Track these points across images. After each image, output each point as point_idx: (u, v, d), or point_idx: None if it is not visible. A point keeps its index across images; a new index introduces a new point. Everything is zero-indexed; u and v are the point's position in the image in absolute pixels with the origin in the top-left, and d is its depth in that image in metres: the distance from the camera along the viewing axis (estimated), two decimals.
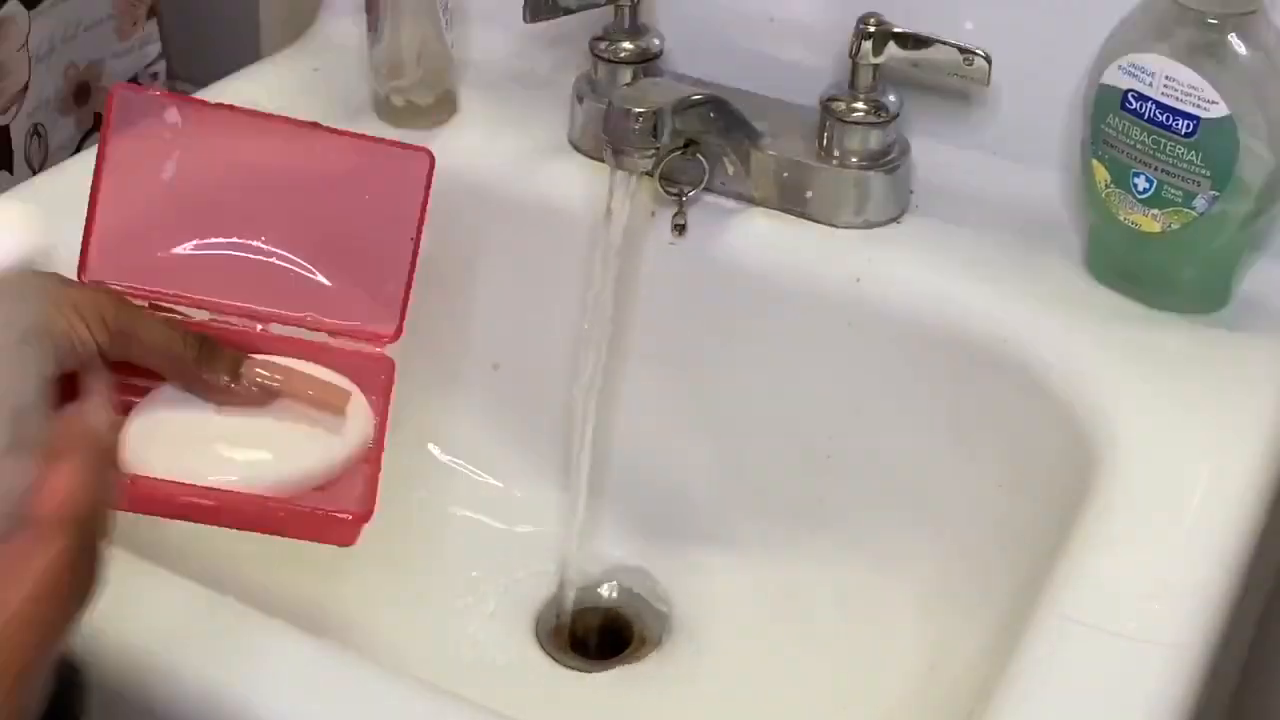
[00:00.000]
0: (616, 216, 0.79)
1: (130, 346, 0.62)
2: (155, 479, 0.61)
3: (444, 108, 0.90)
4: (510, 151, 0.88)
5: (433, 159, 0.70)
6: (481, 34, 0.95)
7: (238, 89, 0.93)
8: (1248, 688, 0.92)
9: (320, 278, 0.70)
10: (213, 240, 0.69)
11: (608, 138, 0.76)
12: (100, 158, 0.68)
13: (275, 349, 0.67)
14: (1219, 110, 0.71)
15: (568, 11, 0.85)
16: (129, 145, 0.68)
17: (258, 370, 0.65)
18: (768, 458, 0.85)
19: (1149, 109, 0.73)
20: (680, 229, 0.83)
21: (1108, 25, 0.75)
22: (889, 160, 0.83)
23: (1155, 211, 0.75)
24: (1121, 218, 0.76)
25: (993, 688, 0.58)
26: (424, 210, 0.70)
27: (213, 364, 0.64)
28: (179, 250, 0.69)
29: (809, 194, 0.83)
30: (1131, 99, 0.74)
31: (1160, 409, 0.71)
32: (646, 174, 0.80)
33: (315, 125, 0.70)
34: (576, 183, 0.86)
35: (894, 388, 0.81)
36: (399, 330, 0.70)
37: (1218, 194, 0.73)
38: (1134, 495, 0.66)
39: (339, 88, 0.93)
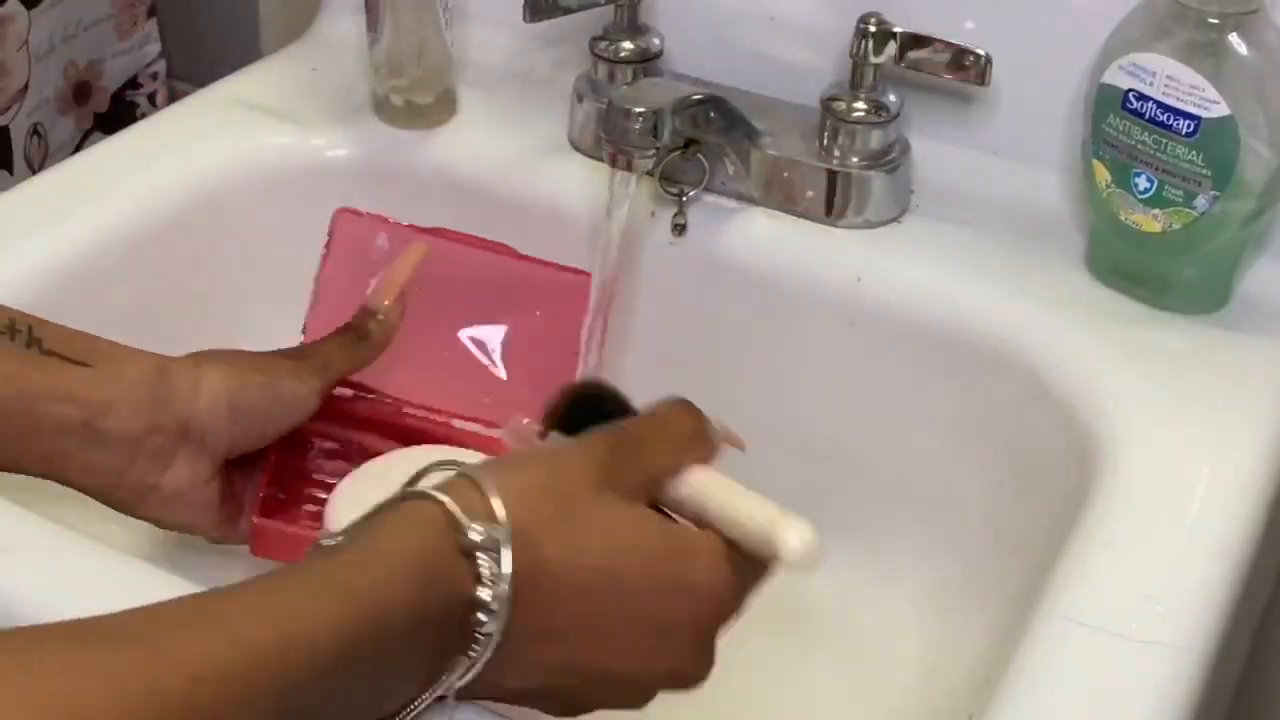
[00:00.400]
0: (616, 216, 0.79)
1: (328, 375, 0.72)
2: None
3: (444, 108, 0.90)
4: (510, 151, 0.88)
5: (589, 279, 0.78)
6: (481, 34, 0.95)
7: (238, 89, 0.93)
8: (1248, 688, 0.92)
9: (495, 388, 0.79)
10: (405, 349, 0.77)
11: (608, 138, 0.76)
12: (321, 275, 0.78)
13: (456, 440, 0.76)
14: (1220, 110, 0.71)
15: (568, 11, 0.85)
16: (343, 266, 0.78)
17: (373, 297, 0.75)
18: (767, 458, 0.85)
19: (1150, 109, 0.73)
20: (680, 229, 0.83)
21: (1108, 25, 0.75)
22: (889, 160, 0.83)
23: (1156, 211, 0.75)
24: (1122, 218, 0.76)
25: (993, 688, 0.58)
26: (580, 323, 0.78)
27: (353, 321, 0.74)
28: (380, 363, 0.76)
29: (809, 194, 0.83)
30: (1132, 99, 0.74)
31: (1160, 409, 0.71)
32: (646, 174, 0.80)
33: (500, 248, 0.78)
34: (576, 183, 0.86)
35: (894, 388, 0.81)
36: None
37: (1218, 194, 0.73)
38: (1134, 495, 0.66)
39: (339, 88, 0.93)
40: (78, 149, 1.16)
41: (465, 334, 0.79)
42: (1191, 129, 0.72)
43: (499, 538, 0.48)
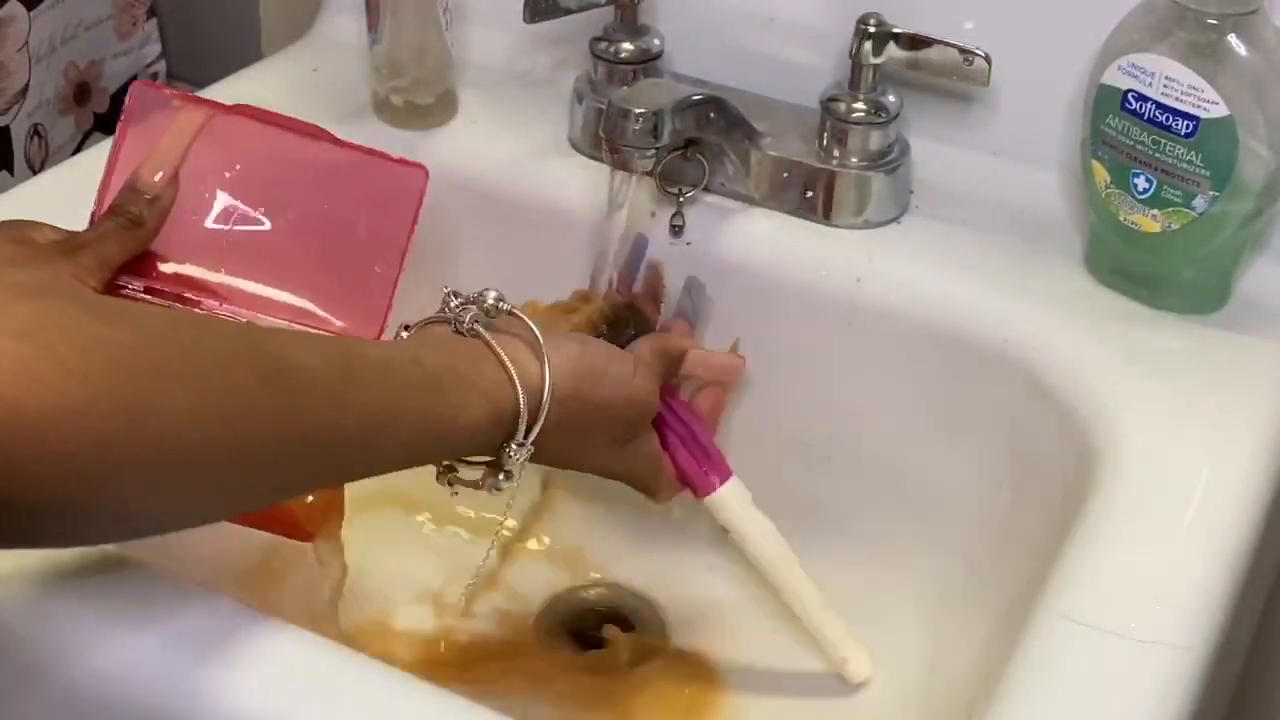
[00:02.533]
0: (616, 217, 0.79)
1: (83, 250, 0.69)
2: None
3: (444, 108, 0.90)
4: (510, 151, 0.88)
5: (427, 174, 0.74)
6: (481, 34, 0.95)
7: (238, 89, 0.93)
8: (1248, 688, 0.92)
9: (303, 284, 0.73)
10: (214, 228, 0.72)
11: (607, 138, 0.76)
12: (115, 149, 0.72)
13: None
14: (1219, 110, 0.71)
15: (568, 11, 0.85)
16: (143, 140, 0.71)
17: None
18: (767, 457, 0.85)
19: (1149, 109, 0.73)
20: (678, 229, 0.83)
21: (1108, 25, 0.75)
22: (889, 160, 0.83)
23: (1155, 211, 0.75)
24: (1121, 218, 0.76)
25: (993, 688, 0.58)
26: (414, 223, 0.74)
27: (126, 209, 0.71)
28: (179, 237, 0.71)
29: (809, 194, 0.83)
30: (1131, 99, 0.74)
31: (1160, 409, 0.71)
32: (646, 174, 0.80)
33: (321, 134, 0.73)
34: (576, 183, 0.86)
35: (894, 388, 0.81)
36: (379, 332, 0.73)
37: (1218, 194, 0.73)
38: (1134, 495, 0.66)
39: (339, 88, 0.93)
40: (78, 149, 1.16)
41: (275, 224, 0.73)
42: (1190, 129, 0.72)
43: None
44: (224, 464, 0.50)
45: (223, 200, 0.72)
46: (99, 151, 0.90)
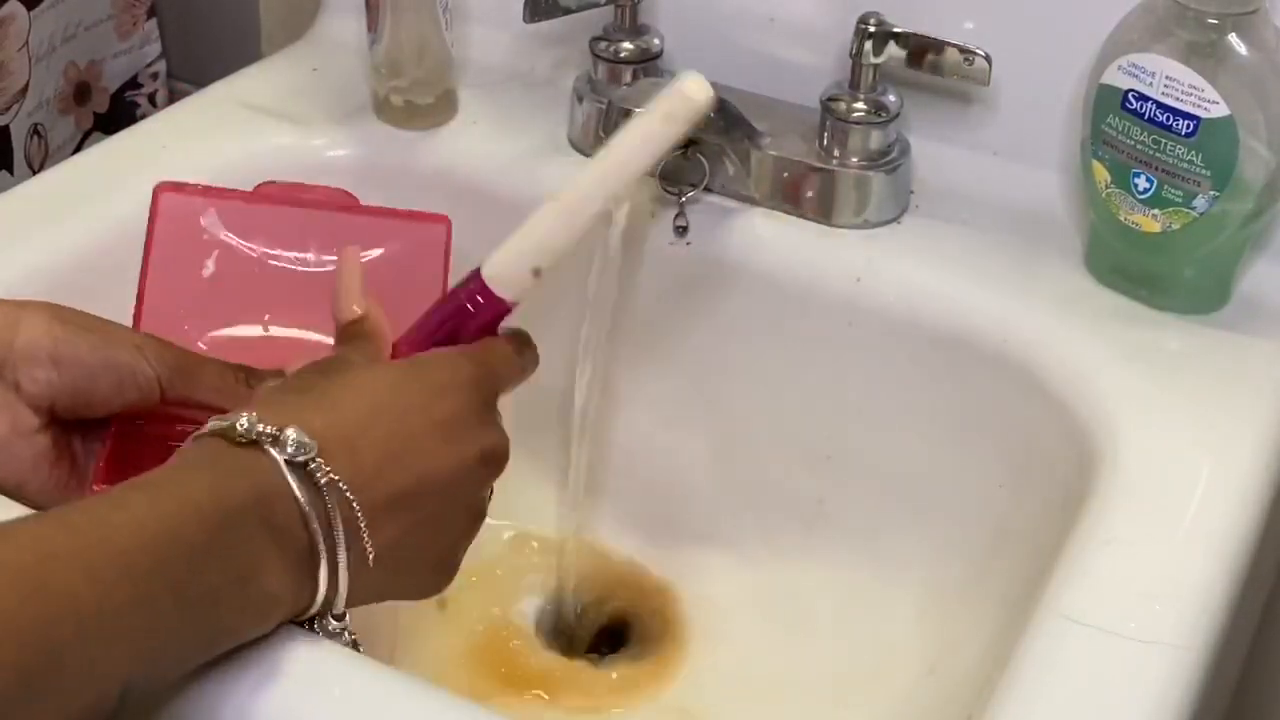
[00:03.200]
0: (616, 217, 0.79)
1: (187, 382, 0.66)
2: None
3: (444, 108, 0.90)
4: (510, 151, 0.88)
5: (449, 225, 0.74)
6: (481, 34, 0.95)
7: (238, 89, 0.93)
8: (1248, 687, 0.92)
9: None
10: (248, 328, 0.73)
11: (608, 138, 0.76)
12: (146, 255, 0.72)
13: None
14: (1219, 110, 0.71)
15: (568, 11, 0.85)
16: (173, 243, 0.73)
17: None
18: (767, 458, 0.85)
19: (1149, 109, 0.73)
20: (681, 230, 0.83)
21: (1108, 25, 0.75)
22: (889, 160, 0.83)
23: (1155, 211, 0.75)
24: (1121, 218, 0.76)
25: (993, 688, 0.58)
26: (446, 273, 0.74)
27: (260, 384, 0.67)
28: (216, 335, 0.73)
29: (809, 194, 0.83)
30: (1132, 99, 0.74)
31: (1160, 409, 0.71)
32: (647, 174, 0.80)
33: (342, 208, 0.74)
34: None
35: (894, 388, 0.81)
36: None
37: (1218, 194, 0.73)
38: (1134, 495, 0.66)
39: (339, 88, 0.93)
40: (78, 149, 1.16)
41: (312, 308, 0.72)
42: (1191, 129, 0.72)
43: (277, 429, 0.53)
44: None
45: (260, 296, 0.73)
46: (99, 151, 0.90)
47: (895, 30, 0.80)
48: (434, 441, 0.57)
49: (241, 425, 0.53)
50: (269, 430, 0.53)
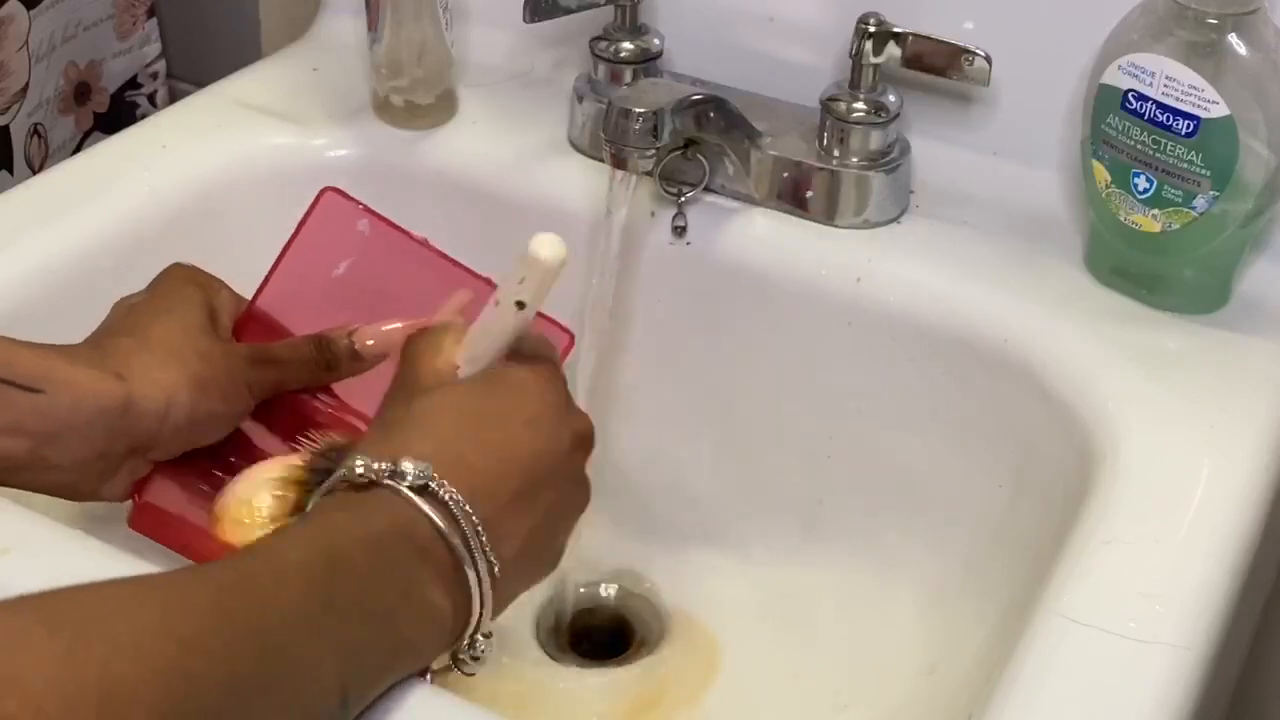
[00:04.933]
0: (616, 217, 0.79)
1: (273, 369, 0.69)
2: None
3: (444, 108, 0.90)
4: (510, 151, 0.88)
5: (573, 339, 0.70)
6: (481, 34, 0.95)
7: (238, 89, 0.93)
8: (1248, 688, 0.92)
9: None
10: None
11: (607, 138, 0.76)
12: (287, 245, 0.73)
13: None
14: (1219, 110, 0.71)
15: (568, 11, 0.85)
16: (317, 242, 0.74)
17: (366, 338, 0.70)
18: (768, 458, 0.85)
19: (1149, 109, 0.73)
20: (680, 230, 0.83)
21: (1108, 25, 0.75)
22: (889, 160, 0.83)
23: (1155, 211, 0.75)
24: (1121, 218, 0.76)
25: (993, 688, 0.58)
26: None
27: (332, 346, 0.70)
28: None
29: (809, 194, 0.83)
30: (1131, 99, 0.74)
31: (1160, 409, 0.71)
32: (646, 174, 0.80)
33: (483, 279, 0.72)
34: (576, 183, 0.86)
35: (894, 388, 0.81)
36: None
37: (1218, 194, 0.73)
38: (1134, 495, 0.66)
39: (339, 88, 0.93)
40: (78, 149, 1.16)
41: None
42: (1191, 129, 0.72)
43: (391, 463, 0.54)
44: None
45: (365, 306, 0.73)
46: (99, 151, 0.90)
47: (895, 30, 0.80)
48: (530, 438, 0.59)
49: (357, 470, 0.54)
50: (384, 466, 0.54)
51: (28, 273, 0.78)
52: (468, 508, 0.54)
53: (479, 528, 0.55)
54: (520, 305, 0.59)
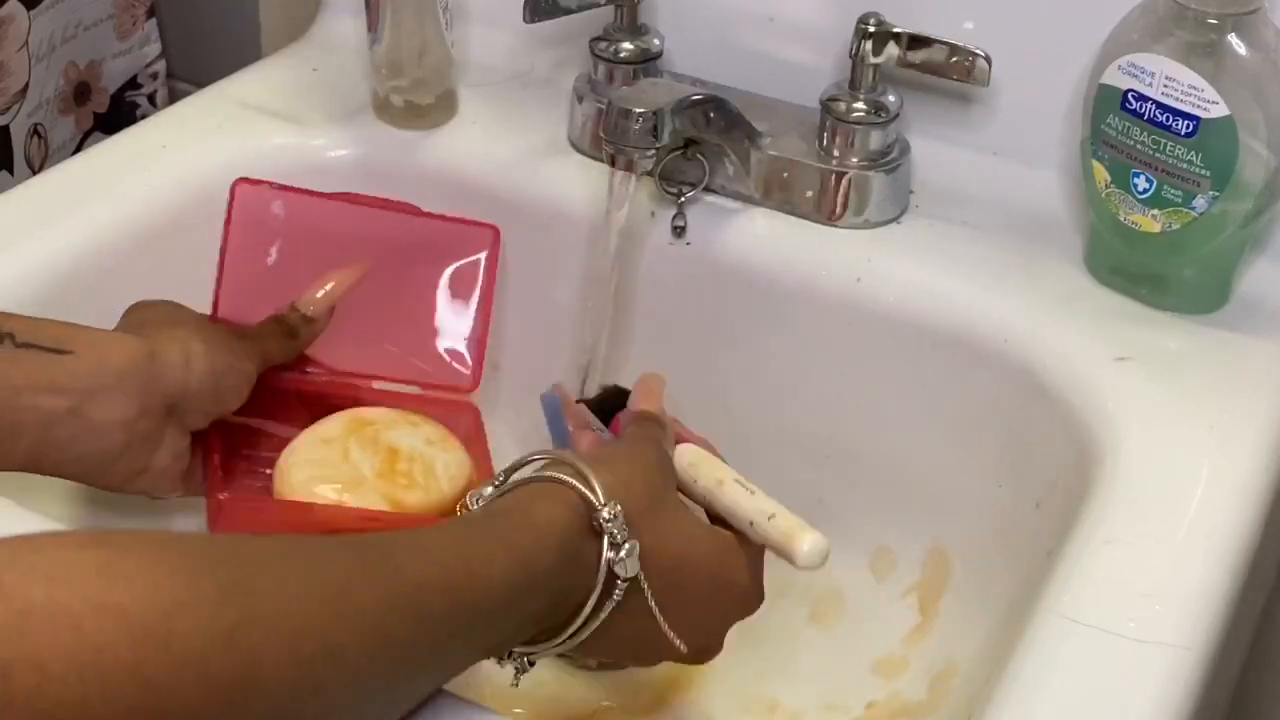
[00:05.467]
0: (616, 217, 0.79)
1: (254, 343, 0.73)
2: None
3: (444, 108, 0.90)
4: (510, 151, 0.88)
5: (498, 232, 0.81)
6: (482, 34, 0.95)
7: (238, 89, 0.93)
8: (1248, 688, 0.92)
9: (403, 348, 0.81)
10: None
11: (607, 138, 0.76)
12: (224, 249, 0.78)
13: (378, 401, 0.78)
14: (1219, 110, 0.71)
15: (568, 11, 0.85)
16: (248, 236, 0.79)
17: (307, 305, 0.77)
18: (767, 457, 0.85)
19: (1149, 109, 0.73)
20: (679, 230, 0.83)
21: (1108, 25, 0.75)
22: (889, 160, 0.83)
23: (1155, 211, 0.75)
24: (1121, 218, 0.76)
25: (993, 688, 0.58)
26: (492, 277, 0.81)
27: (286, 318, 0.76)
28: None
29: (809, 194, 0.83)
30: (1131, 99, 0.74)
31: (1160, 409, 0.71)
32: (646, 174, 0.80)
33: (400, 207, 0.80)
34: (576, 183, 0.86)
35: (894, 387, 0.81)
36: (477, 381, 0.81)
37: (1218, 194, 0.73)
38: (1134, 495, 0.66)
39: (339, 88, 0.93)
40: (78, 149, 1.16)
41: (379, 295, 0.80)
42: (1190, 129, 0.72)
43: (619, 514, 0.57)
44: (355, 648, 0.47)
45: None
46: (99, 151, 0.90)
47: (895, 30, 0.80)
48: (692, 613, 0.62)
49: (604, 519, 0.57)
50: (623, 540, 0.57)
51: (28, 273, 0.78)
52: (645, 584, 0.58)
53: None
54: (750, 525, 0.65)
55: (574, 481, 0.57)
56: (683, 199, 0.83)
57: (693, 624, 0.61)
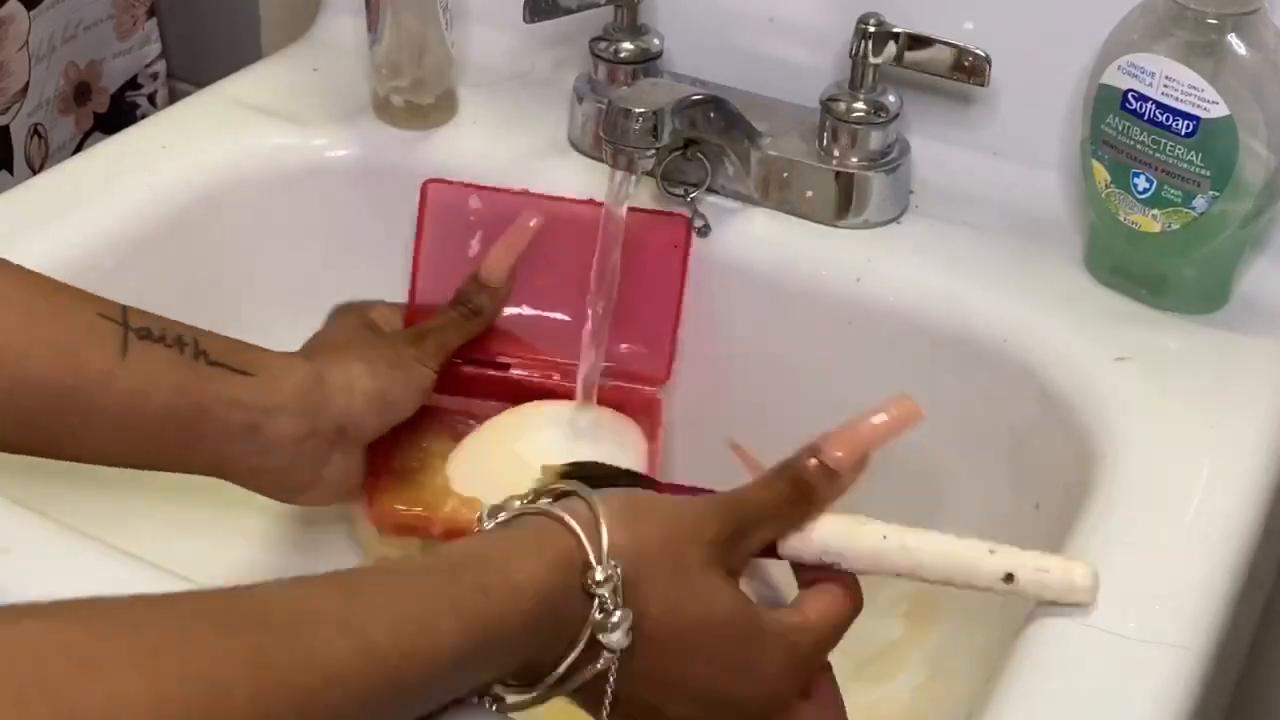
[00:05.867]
0: (616, 217, 0.79)
1: (432, 338, 0.78)
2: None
3: (444, 108, 0.90)
4: (510, 151, 0.88)
5: (689, 221, 0.82)
6: (481, 34, 0.95)
7: (238, 89, 0.93)
8: (1248, 688, 0.92)
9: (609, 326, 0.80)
10: (511, 308, 0.83)
11: (607, 138, 0.76)
12: (417, 245, 0.83)
13: (566, 395, 0.81)
14: (1219, 110, 0.71)
15: (568, 11, 0.85)
16: (441, 231, 0.83)
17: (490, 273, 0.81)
18: (767, 457, 0.85)
19: (1149, 109, 0.73)
20: (702, 231, 0.83)
21: (1108, 25, 0.75)
22: (889, 160, 0.83)
23: (1155, 211, 0.75)
24: (1121, 218, 0.76)
25: (993, 688, 0.58)
26: (685, 267, 0.82)
27: (469, 296, 0.81)
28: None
29: (809, 194, 0.83)
30: (1131, 99, 0.74)
31: (1160, 409, 0.71)
32: (647, 174, 0.80)
33: (590, 202, 0.81)
34: (576, 183, 0.86)
35: (894, 387, 0.81)
36: (668, 374, 0.83)
37: (1217, 194, 0.73)
38: (1134, 495, 0.66)
39: (339, 88, 0.93)
40: (78, 149, 1.16)
41: (563, 291, 0.82)
42: (1190, 129, 0.72)
43: (615, 578, 0.52)
44: None
45: (519, 278, 0.82)
46: (99, 151, 0.90)
47: (895, 30, 0.80)
48: (695, 699, 0.57)
49: (596, 583, 0.52)
50: (615, 607, 0.53)
51: None
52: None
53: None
54: (1009, 579, 0.57)
55: (579, 531, 0.53)
56: (691, 198, 0.83)
57: (698, 707, 0.57)
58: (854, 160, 0.82)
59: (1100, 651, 0.58)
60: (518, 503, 0.56)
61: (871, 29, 0.80)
